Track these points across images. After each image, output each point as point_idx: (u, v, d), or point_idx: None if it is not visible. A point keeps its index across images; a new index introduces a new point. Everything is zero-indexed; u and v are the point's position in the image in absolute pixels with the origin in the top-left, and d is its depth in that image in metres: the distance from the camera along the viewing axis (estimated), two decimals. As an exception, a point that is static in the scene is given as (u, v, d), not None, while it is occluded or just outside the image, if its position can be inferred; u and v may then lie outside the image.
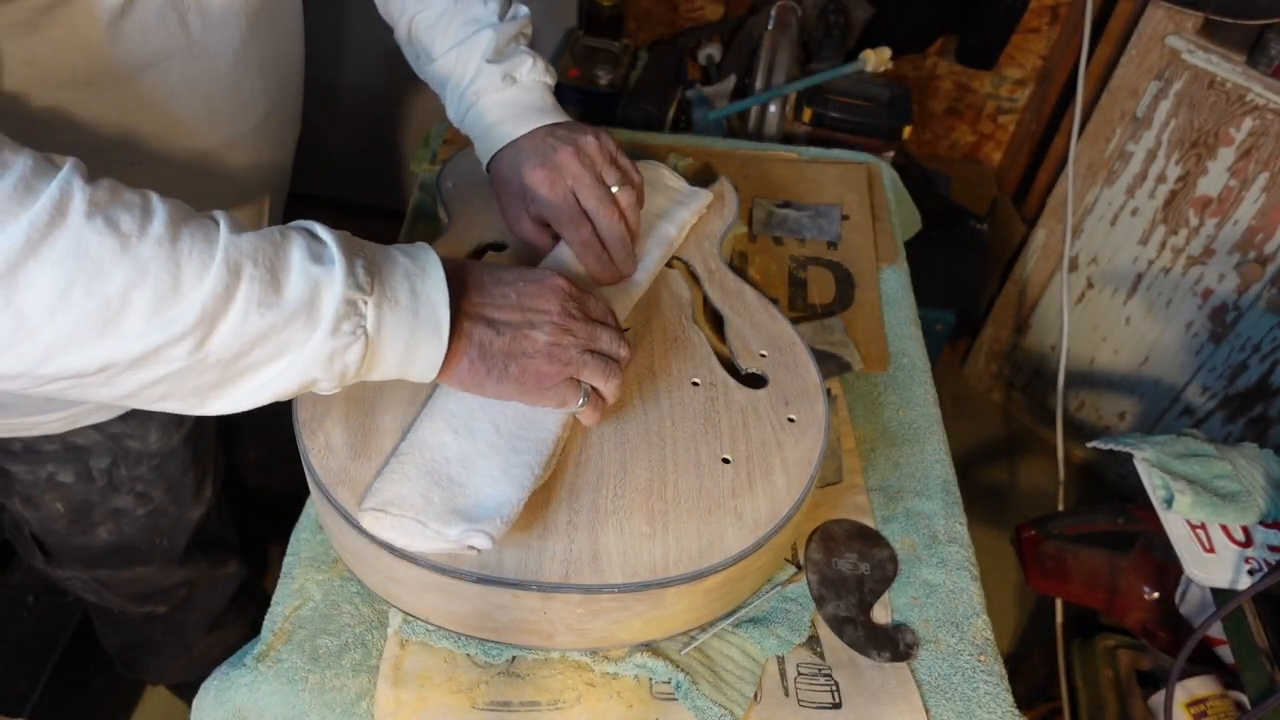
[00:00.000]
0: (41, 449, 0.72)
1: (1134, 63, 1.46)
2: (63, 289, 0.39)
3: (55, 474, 0.74)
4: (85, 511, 0.78)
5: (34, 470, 0.74)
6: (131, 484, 0.78)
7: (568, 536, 0.58)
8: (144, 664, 1.07)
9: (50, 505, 0.77)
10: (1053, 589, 1.10)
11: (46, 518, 0.78)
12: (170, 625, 1.00)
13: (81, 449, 0.73)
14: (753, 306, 0.76)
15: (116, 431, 0.74)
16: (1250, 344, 1.46)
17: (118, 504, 0.79)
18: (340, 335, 0.47)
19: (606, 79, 1.42)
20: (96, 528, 0.80)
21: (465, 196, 0.85)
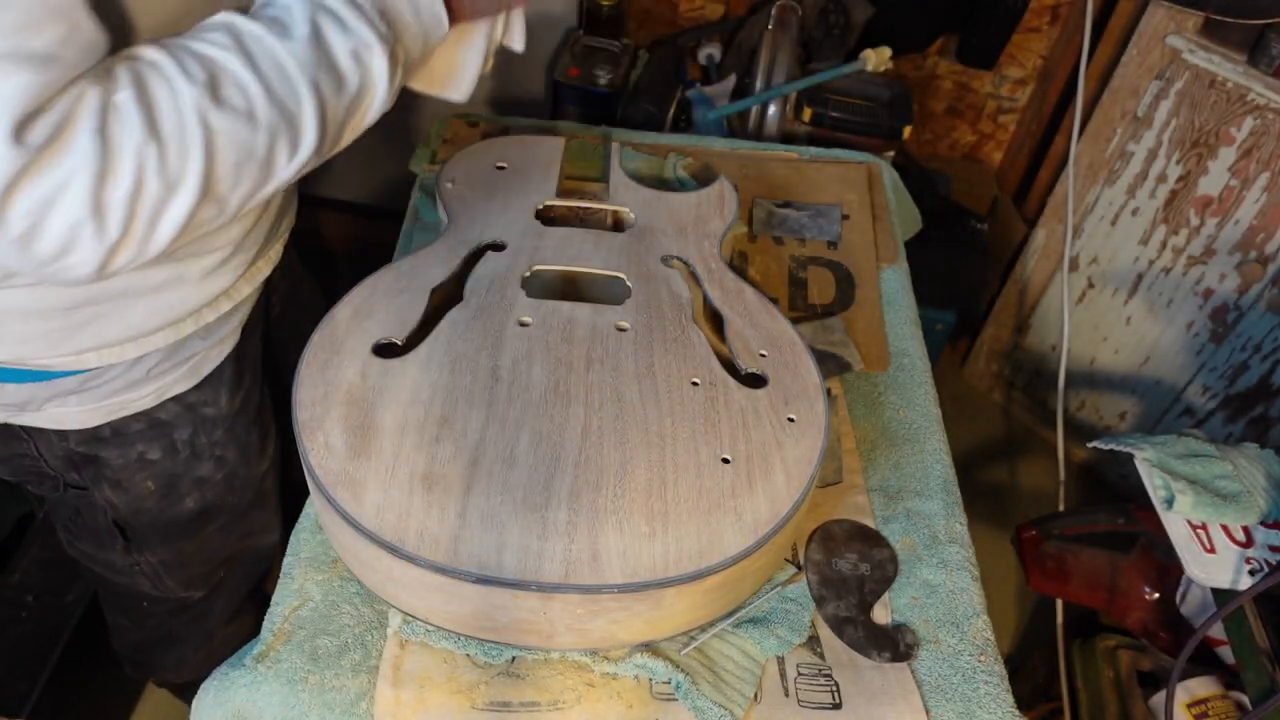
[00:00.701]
0: (129, 430, 0.76)
1: (1134, 62, 1.46)
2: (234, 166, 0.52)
3: (145, 452, 0.78)
4: (173, 485, 0.82)
5: (124, 453, 0.77)
6: (210, 449, 0.83)
7: (568, 536, 0.58)
8: (161, 660, 1.08)
9: (141, 485, 0.80)
10: (1053, 589, 1.10)
11: (137, 498, 0.81)
12: (197, 614, 1.02)
13: (165, 424, 0.78)
14: (753, 306, 0.76)
15: (193, 401, 0.78)
16: (1251, 344, 1.46)
17: (200, 472, 0.83)
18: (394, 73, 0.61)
19: (606, 79, 1.41)
20: (184, 499, 0.84)
21: (465, 196, 0.85)
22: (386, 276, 0.74)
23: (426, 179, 1.01)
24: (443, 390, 0.65)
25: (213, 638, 1.06)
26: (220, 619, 1.04)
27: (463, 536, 0.57)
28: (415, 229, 0.96)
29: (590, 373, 0.67)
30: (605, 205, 0.87)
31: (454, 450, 0.61)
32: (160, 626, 1.03)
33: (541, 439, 0.63)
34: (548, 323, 0.71)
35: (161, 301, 0.68)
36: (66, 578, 1.20)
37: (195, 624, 1.04)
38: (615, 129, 1.11)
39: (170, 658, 1.07)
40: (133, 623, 1.04)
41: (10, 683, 1.10)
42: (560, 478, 0.61)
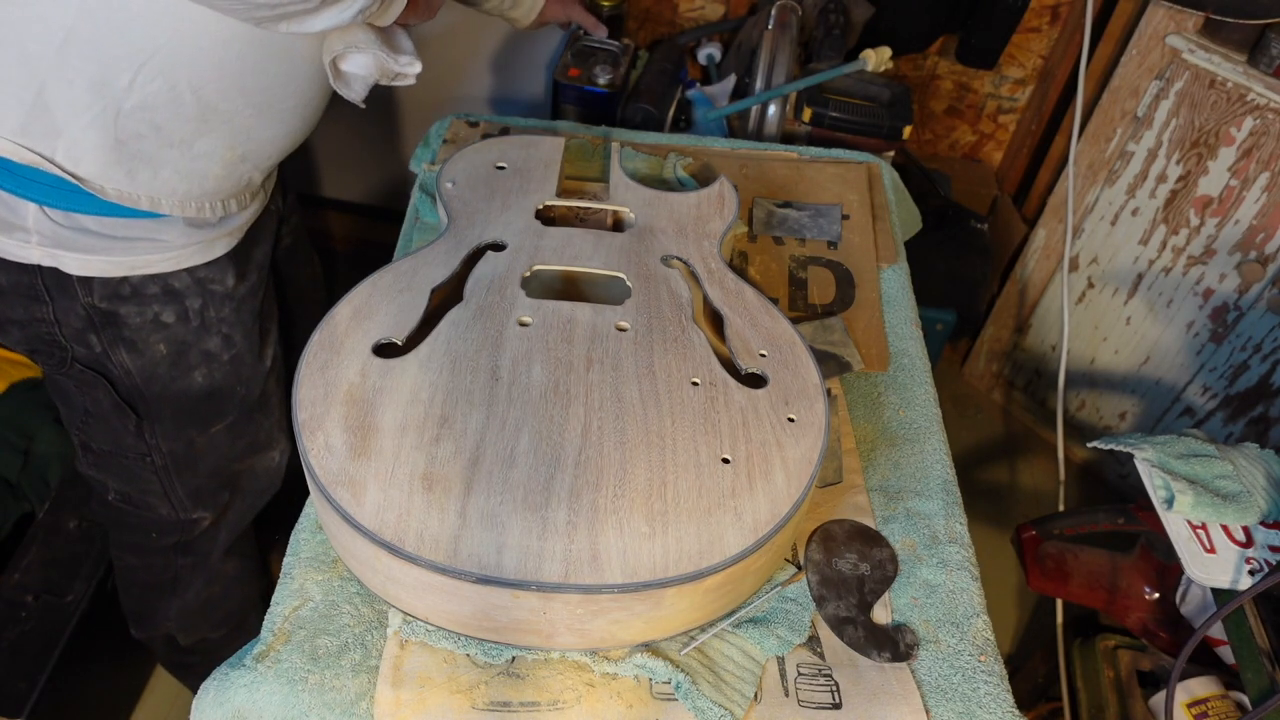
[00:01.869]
0: (146, 291, 0.82)
1: (1134, 62, 1.46)
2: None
3: (160, 314, 0.84)
4: (183, 353, 0.88)
5: (142, 311, 0.83)
6: (219, 325, 0.89)
7: (568, 536, 0.58)
8: (164, 611, 1.11)
9: (155, 347, 0.86)
10: (1053, 589, 1.10)
11: (151, 362, 0.87)
12: (200, 554, 1.06)
13: (177, 291, 0.84)
14: (753, 306, 0.76)
15: (203, 276, 0.85)
16: (1251, 344, 1.46)
17: (209, 345, 0.89)
18: None
19: (606, 79, 1.41)
20: (193, 371, 0.89)
21: (465, 196, 0.85)
22: (386, 276, 0.74)
23: (426, 179, 1.01)
24: (443, 390, 0.65)
25: (215, 579, 1.10)
26: (220, 549, 1.08)
27: (463, 536, 0.57)
28: (415, 229, 0.96)
29: (590, 373, 0.67)
30: (605, 205, 0.87)
31: (454, 450, 0.61)
32: (166, 568, 1.06)
33: (541, 439, 0.63)
34: (548, 323, 0.71)
35: (190, 169, 0.76)
36: (66, 578, 1.20)
37: (198, 566, 1.07)
38: (615, 129, 1.11)
39: (174, 607, 1.10)
40: (140, 561, 1.07)
41: (10, 683, 1.10)
42: (560, 478, 0.61)
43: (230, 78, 0.73)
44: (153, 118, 0.72)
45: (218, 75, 0.72)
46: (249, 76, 0.74)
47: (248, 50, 0.72)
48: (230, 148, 0.78)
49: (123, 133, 0.71)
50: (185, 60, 0.70)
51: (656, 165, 1.04)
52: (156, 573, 1.07)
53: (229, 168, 0.79)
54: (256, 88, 0.75)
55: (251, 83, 0.74)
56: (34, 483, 1.27)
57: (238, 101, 0.75)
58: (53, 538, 1.23)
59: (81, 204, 0.75)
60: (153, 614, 1.12)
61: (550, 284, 0.79)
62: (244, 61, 0.73)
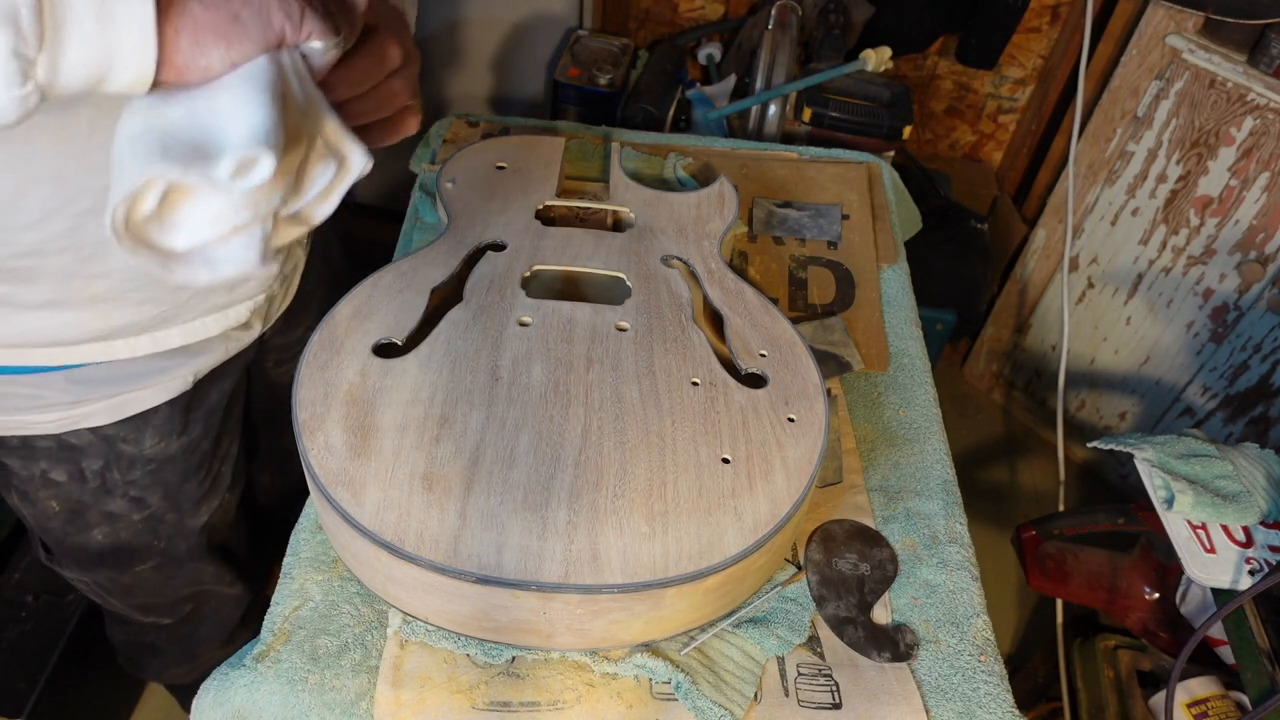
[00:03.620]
0: (36, 445, 0.72)
1: (1135, 62, 1.46)
2: None
3: (48, 471, 0.74)
4: (79, 512, 0.78)
5: (28, 466, 0.74)
6: (125, 488, 0.78)
7: (568, 536, 0.58)
8: (146, 664, 1.07)
9: (45, 503, 0.77)
10: (1053, 589, 1.10)
11: (43, 515, 0.78)
12: (176, 635, 1.00)
13: (74, 448, 0.73)
14: (753, 306, 0.76)
15: (110, 434, 0.73)
16: (1251, 344, 1.46)
17: (111, 507, 0.79)
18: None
19: (606, 79, 1.41)
20: (91, 529, 0.80)
21: (465, 196, 0.85)
22: (386, 276, 0.74)
23: (426, 179, 1.01)
24: (443, 390, 0.65)
25: (197, 658, 1.03)
26: (208, 644, 1.02)
27: (463, 536, 0.57)
28: (415, 229, 0.96)
29: (590, 373, 0.67)
30: (605, 205, 0.87)
31: (454, 450, 0.61)
32: (143, 634, 1.01)
33: (541, 439, 0.63)
34: (548, 323, 0.71)
35: (41, 321, 0.63)
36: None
37: (177, 642, 1.01)
38: (615, 129, 1.11)
39: (154, 665, 1.06)
40: (115, 624, 1.02)
41: (10, 683, 1.10)
42: (560, 478, 0.61)
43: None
44: None
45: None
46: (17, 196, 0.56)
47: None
48: (81, 288, 0.62)
49: None
50: None
51: (656, 165, 1.04)
52: (133, 635, 1.02)
53: (99, 306, 0.64)
54: (25, 218, 0.57)
55: (9, 215, 0.57)
56: (34, 483, 1.27)
57: (22, 239, 0.58)
58: (53, 538, 1.23)
59: None
60: (135, 660, 1.07)
61: (550, 284, 0.79)
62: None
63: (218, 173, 0.44)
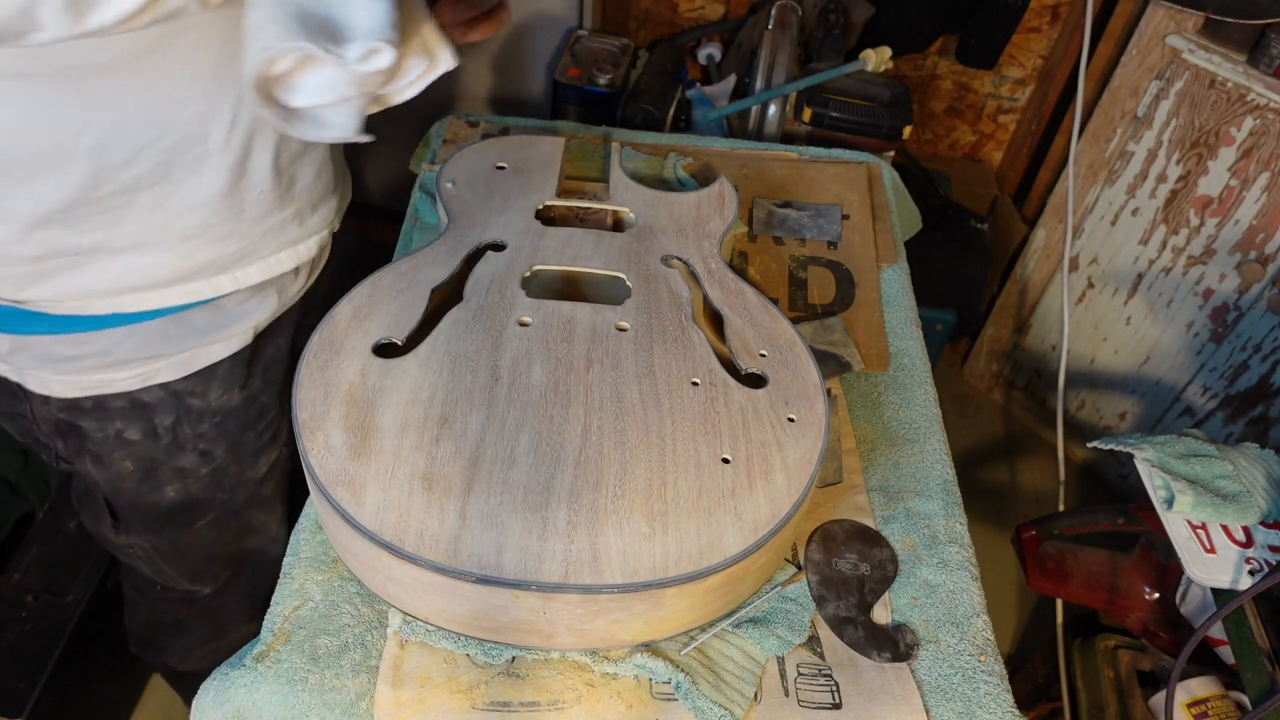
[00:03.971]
0: (110, 405, 0.76)
1: (1135, 62, 1.46)
2: None
3: (123, 430, 0.77)
4: (152, 470, 0.81)
5: (103, 427, 0.77)
6: (194, 441, 0.81)
7: (568, 536, 0.58)
8: (167, 645, 1.08)
9: (119, 464, 0.80)
10: (1053, 589, 1.10)
11: (116, 477, 0.81)
12: (208, 608, 1.02)
13: (146, 405, 0.77)
14: (753, 306, 0.76)
15: (179, 389, 0.77)
16: (1251, 344, 1.46)
17: (182, 462, 0.82)
18: None
19: (606, 79, 1.41)
20: (164, 486, 0.83)
21: (465, 196, 0.85)
22: (386, 276, 0.74)
23: (426, 179, 1.01)
24: (443, 390, 0.65)
25: (225, 634, 1.06)
26: (237, 618, 1.04)
27: (463, 536, 0.57)
28: (415, 229, 0.96)
29: (590, 373, 0.67)
30: (605, 205, 0.87)
31: (454, 450, 0.61)
32: (170, 612, 1.03)
33: (541, 439, 0.63)
34: (548, 323, 0.71)
35: (129, 264, 0.68)
36: (66, 578, 1.20)
37: (205, 617, 1.04)
38: (615, 129, 1.11)
39: (177, 645, 1.08)
40: (145, 602, 1.05)
41: (10, 683, 1.10)
42: (560, 478, 0.61)
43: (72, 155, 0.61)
44: (42, 228, 0.63)
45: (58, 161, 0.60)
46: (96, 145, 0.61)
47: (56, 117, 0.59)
48: (166, 224, 0.67)
49: (29, 252, 0.65)
50: (13, 162, 0.60)
51: (656, 165, 1.04)
52: (160, 614, 1.04)
53: (185, 243, 0.69)
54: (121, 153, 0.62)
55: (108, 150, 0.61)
56: (34, 483, 1.27)
57: (119, 177, 0.63)
58: (53, 538, 1.23)
59: (32, 325, 0.70)
60: (154, 644, 1.09)
61: (550, 284, 0.79)
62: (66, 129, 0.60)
63: (348, 55, 0.52)
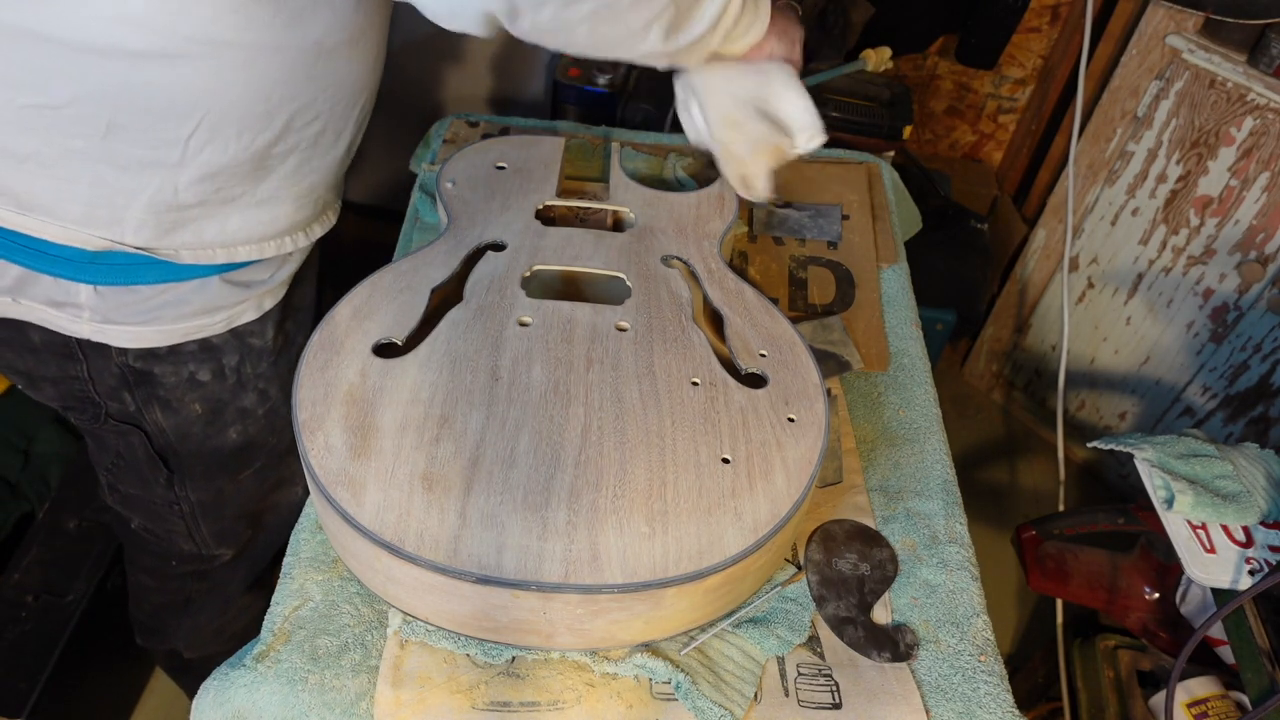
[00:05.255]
0: (183, 350, 0.79)
1: (1135, 62, 1.46)
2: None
3: (196, 373, 0.82)
4: (219, 411, 0.86)
5: (178, 370, 0.81)
6: (255, 381, 0.86)
7: (567, 536, 0.58)
8: (175, 628, 1.10)
9: (189, 407, 0.84)
10: (1053, 589, 1.10)
11: (185, 421, 0.85)
12: (218, 581, 1.05)
13: (216, 348, 0.81)
14: (753, 306, 0.76)
15: (241, 330, 0.82)
16: (1251, 344, 1.46)
17: (245, 402, 0.87)
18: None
19: (606, 79, 1.41)
20: (228, 429, 0.87)
21: (465, 196, 0.85)
22: (386, 276, 0.74)
23: (426, 179, 1.01)
24: (443, 390, 0.65)
25: (230, 606, 1.08)
26: (240, 586, 1.07)
27: (463, 536, 0.57)
28: (415, 229, 0.96)
29: (590, 373, 0.67)
30: (605, 205, 0.87)
31: (454, 450, 0.61)
32: (181, 590, 1.05)
33: (541, 439, 0.63)
34: (548, 323, 0.71)
35: (256, 216, 0.74)
36: (66, 578, 1.20)
37: (215, 592, 1.06)
38: (615, 129, 1.11)
39: (185, 627, 1.09)
40: (156, 583, 1.06)
41: (10, 683, 1.10)
42: (560, 478, 0.61)
43: (277, 116, 0.69)
44: (211, 178, 0.69)
45: (264, 121, 0.69)
46: (296, 110, 0.70)
47: (288, 83, 0.68)
48: (295, 182, 0.75)
49: (184, 200, 0.70)
50: (230, 117, 0.67)
51: (656, 165, 1.04)
52: (171, 594, 1.06)
53: (299, 200, 0.77)
54: (304, 119, 0.72)
55: (299, 116, 0.71)
56: (34, 483, 1.27)
57: (291, 139, 0.72)
58: (53, 538, 1.23)
59: (141, 275, 0.73)
60: (162, 629, 1.11)
61: (550, 284, 0.79)
62: (287, 94, 0.69)
63: (797, 143, 0.78)
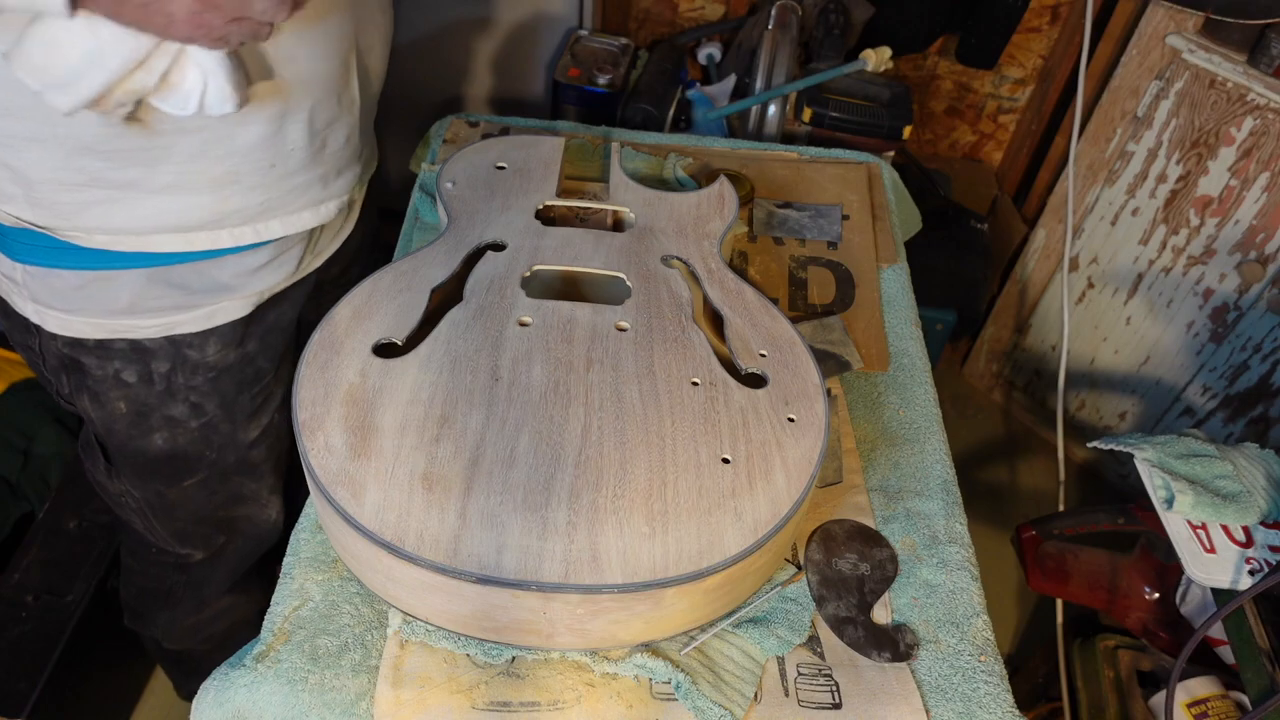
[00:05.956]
0: (111, 345, 0.78)
1: (1135, 62, 1.46)
2: None
3: (120, 371, 0.80)
4: (144, 414, 0.83)
5: (103, 365, 0.79)
6: (187, 393, 0.83)
7: (568, 536, 0.58)
8: (154, 617, 1.09)
9: (114, 404, 0.82)
10: (1053, 589, 1.10)
11: (110, 417, 0.83)
12: (196, 578, 1.03)
13: (146, 350, 0.79)
14: (753, 306, 0.76)
15: (179, 338, 0.79)
16: (1251, 344, 1.46)
17: (173, 411, 0.84)
18: None
19: (606, 79, 1.42)
20: (153, 433, 0.85)
21: (465, 196, 0.85)
22: (386, 276, 0.74)
23: (426, 179, 1.01)
24: (443, 390, 0.65)
25: (205, 607, 1.07)
26: (217, 588, 1.05)
27: (463, 536, 0.57)
28: (415, 229, 0.96)
29: (590, 373, 0.67)
30: (605, 205, 0.87)
31: (454, 450, 0.61)
32: (162, 579, 1.05)
33: (541, 439, 0.63)
34: (548, 323, 0.71)
35: (167, 204, 0.70)
36: (66, 578, 1.20)
37: (193, 589, 1.05)
38: (615, 129, 1.11)
39: (163, 617, 1.09)
40: (140, 566, 1.06)
41: (10, 683, 1.10)
42: (560, 478, 0.61)
43: None
44: (83, 155, 0.66)
45: None
46: None
47: None
48: (203, 168, 0.69)
49: (69, 179, 0.67)
50: None
51: (656, 165, 1.04)
52: (152, 579, 1.06)
53: (218, 190, 0.71)
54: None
55: None
56: (34, 483, 1.27)
57: (168, 119, 0.65)
58: (53, 538, 1.23)
59: (61, 259, 0.72)
60: (145, 614, 1.11)
61: (550, 284, 0.79)
62: None
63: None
